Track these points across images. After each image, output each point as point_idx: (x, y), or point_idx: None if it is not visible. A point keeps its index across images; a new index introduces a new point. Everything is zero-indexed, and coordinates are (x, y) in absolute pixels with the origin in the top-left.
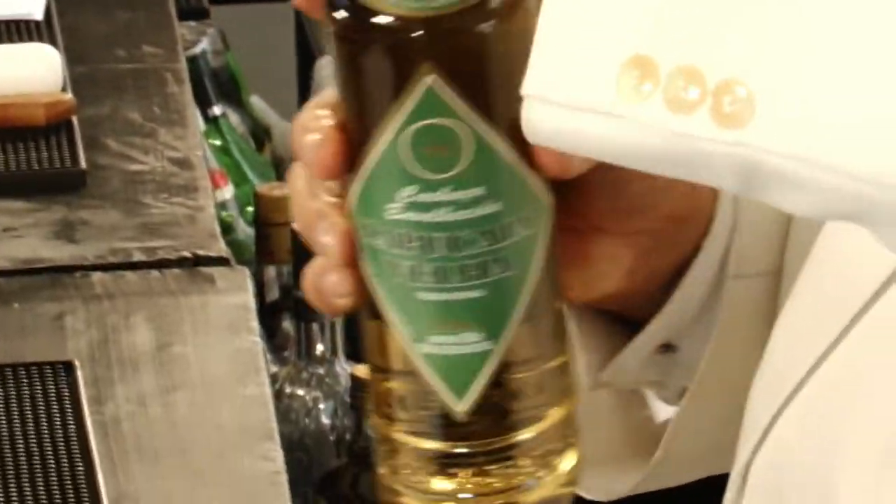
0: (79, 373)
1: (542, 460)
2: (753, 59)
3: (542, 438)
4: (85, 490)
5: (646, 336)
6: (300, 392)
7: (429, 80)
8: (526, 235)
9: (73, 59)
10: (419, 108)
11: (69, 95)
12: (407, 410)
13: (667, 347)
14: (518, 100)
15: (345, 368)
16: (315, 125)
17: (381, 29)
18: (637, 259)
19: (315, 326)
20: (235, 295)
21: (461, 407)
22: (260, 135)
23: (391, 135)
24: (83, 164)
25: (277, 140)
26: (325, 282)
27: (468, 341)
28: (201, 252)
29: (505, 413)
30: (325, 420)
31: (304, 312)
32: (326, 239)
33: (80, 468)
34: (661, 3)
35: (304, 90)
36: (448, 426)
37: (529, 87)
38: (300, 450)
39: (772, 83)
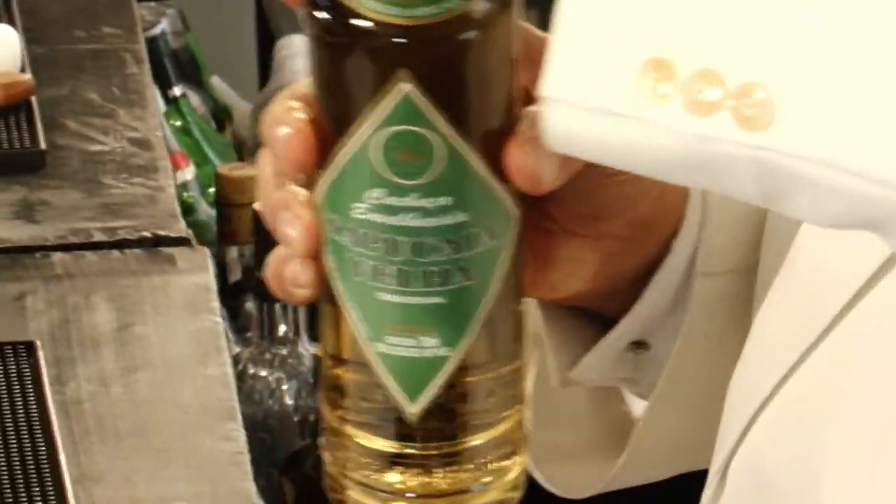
0: (40, 353)
1: (489, 465)
2: (771, 61)
3: (492, 444)
4: (47, 470)
5: (615, 335)
6: (263, 373)
7: (406, 88)
8: (491, 246)
9: (31, 39)
10: (394, 113)
11: (28, 76)
12: (356, 403)
13: (639, 345)
14: (493, 112)
15: (308, 349)
16: (287, 117)
17: (363, 32)
18: (603, 261)
19: (278, 307)
20: (196, 275)
21: (413, 409)
22: (221, 116)
23: (364, 136)
24: (43, 144)
25: (238, 121)
26: (287, 271)
27: (425, 346)
28: (162, 232)
29: (456, 417)
30: (289, 401)
31: (267, 293)
32: (290, 229)
33: (42, 448)
34: (676, 5)
35: (265, 71)
36: (398, 426)
37: (547, 88)
38: (264, 430)
39: (791, 86)
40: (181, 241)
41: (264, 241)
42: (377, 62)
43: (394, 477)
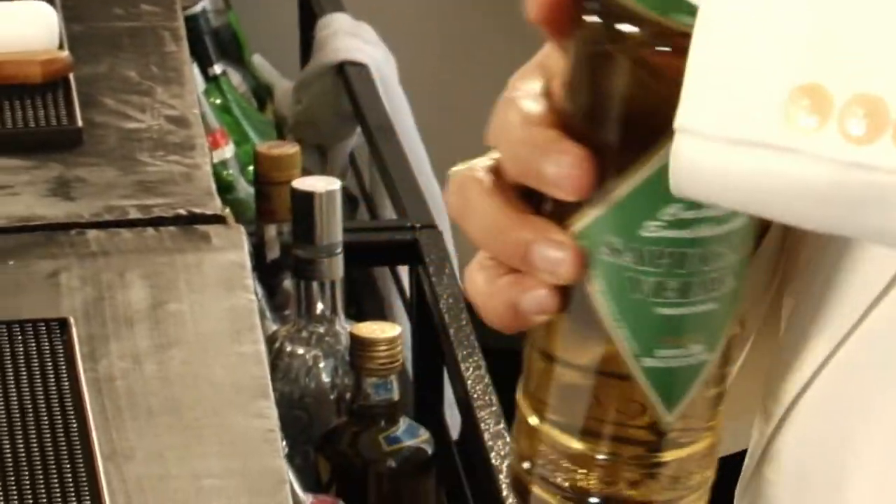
0: (73, 330)
1: (683, 482)
2: None
3: (694, 459)
4: (78, 447)
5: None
6: (300, 351)
7: None
8: (750, 245)
9: (70, 17)
10: None
11: (66, 53)
12: (581, 408)
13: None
14: None
15: (345, 327)
16: (558, 145)
17: (683, 43)
18: None
19: (315, 285)
20: (231, 253)
21: (669, 417)
22: (262, 94)
23: (664, 156)
24: (79, 121)
25: (279, 99)
26: (529, 298)
27: (692, 353)
28: (197, 210)
29: (681, 429)
30: (326, 378)
31: (304, 271)
32: (557, 258)
33: (74, 425)
34: (823, 27)
35: (306, 49)
36: (626, 436)
37: (683, 119)
38: (300, 408)
39: None
40: (216, 219)
41: (303, 219)
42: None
43: (593, 483)
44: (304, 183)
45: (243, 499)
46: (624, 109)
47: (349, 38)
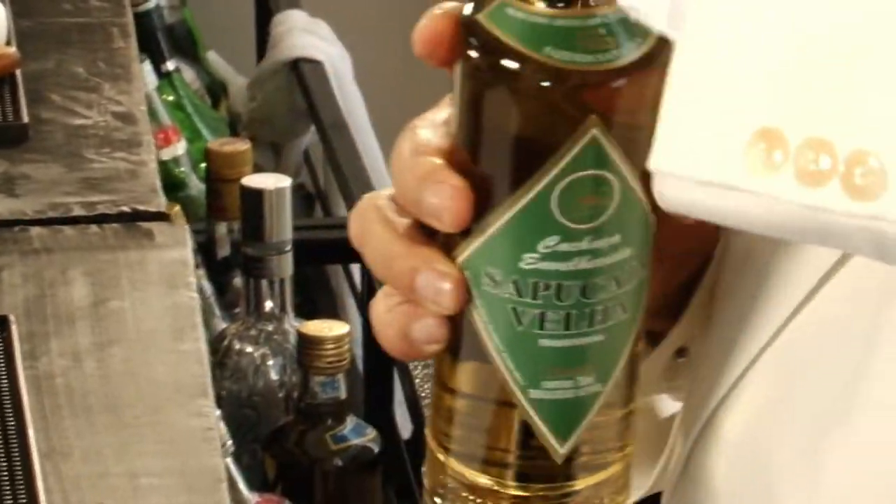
0: (13, 327)
1: None
2: (884, 129)
3: (606, 485)
4: (15, 444)
5: (664, 347)
6: (249, 349)
7: (592, 132)
8: (642, 276)
9: (18, 12)
10: (579, 158)
11: (13, 49)
12: (480, 440)
13: (680, 352)
14: (650, 143)
15: (293, 325)
16: (438, 175)
17: (549, 81)
18: (665, 274)
19: (264, 283)
20: (174, 250)
21: (563, 450)
22: (216, 91)
23: (542, 186)
24: (26, 118)
25: (234, 96)
26: (417, 329)
27: (581, 385)
28: (141, 207)
29: (583, 456)
30: (274, 377)
31: (253, 269)
32: (439, 288)
33: (12, 423)
34: (785, 75)
35: (262, 46)
36: (528, 467)
37: (657, 162)
38: (248, 406)
39: None
40: (160, 216)
41: (252, 217)
42: (568, 110)
43: None
44: (253, 180)
45: (181, 497)
46: (501, 143)
47: (305, 35)
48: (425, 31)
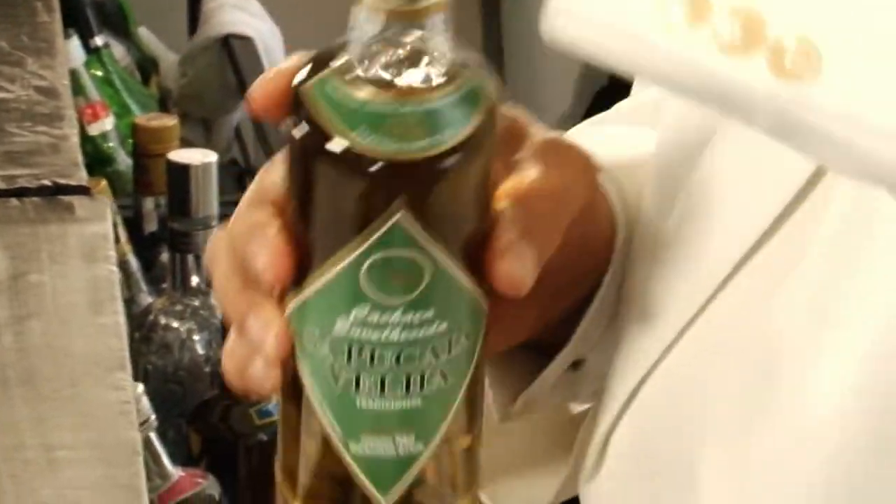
0: None
1: None
2: (823, 16)
3: None
4: None
5: (556, 365)
6: (175, 324)
7: (398, 216)
8: (466, 346)
9: None
10: (384, 239)
11: None
12: (317, 489)
13: (575, 364)
14: (474, 224)
15: None
16: (266, 233)
17: (360, 164)
18: (540, 312)
19: (190, 258)
20: (95, 224)
21: (385, 502)
22: (147, 67)
23: (351, 259)
24: None
25: (165, 72)
26: (252, 371)
27: (400, 445)
28: (62, 181)
29: (435, 495)
30: (200, 352)
31: (180, 244)
32: (264, 335)
33: None
34: None
35: (193, 22)
36: None
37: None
38: (174, 381)
39: (840, 43)
40: (81, 190)
41: (178, 192)
42: (371, 193)
43: None
44: (179, 155)
45: (97, 470)
46: (319, 211)
47: (235, 12)
48: (259, 90)
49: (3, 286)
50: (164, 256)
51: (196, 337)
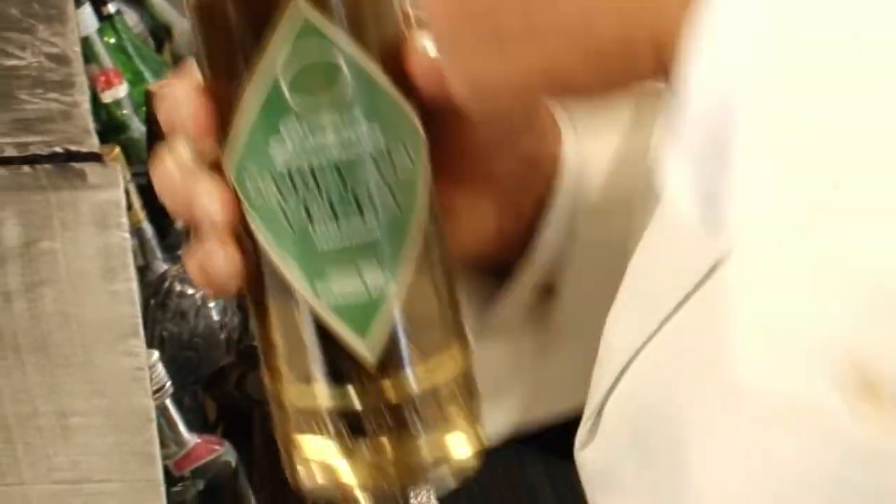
0: None
1: (439, 415)
2: None
3: (441, 392)
4: None
5: (520, 277)
6: (190, 291)
7: (303, 9)
8: (412, 169)
9: None
10: (287, 35)
11: None
12: (299, 363)
13: (549, 291)
14: (387, 25)
15: None
16: (177, 91)
17: None
18: (499, 205)
19: None
20: (107, 191)
21: (365, 350)
22: (160, 34)
23: (262, 70)
24: None
25: (178, 38)
26: (213, 264)
27: (368, 278)
28: (74, 148)
29: (404, 363)
30: (215, 318)
31: None
32: (210, 207)
33: None
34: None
35: None
36: (344, 374)
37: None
38: (190, 348)
39: None
40: (93, 157)
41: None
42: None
43: (337, 438)
44: None
45: (110, 436)
46: (228, 48)
47: None
48: None
49: (15, 253)
50: (178, 224)
51: (211, 304)
